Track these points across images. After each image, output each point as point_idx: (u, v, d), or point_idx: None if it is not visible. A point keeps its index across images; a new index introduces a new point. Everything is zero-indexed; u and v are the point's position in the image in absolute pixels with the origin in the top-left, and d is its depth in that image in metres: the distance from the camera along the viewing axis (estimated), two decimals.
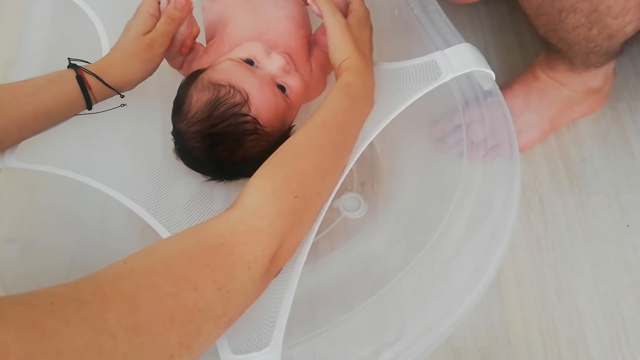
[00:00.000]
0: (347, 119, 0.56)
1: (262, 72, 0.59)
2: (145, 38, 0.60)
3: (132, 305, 0.35)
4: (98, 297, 0.34)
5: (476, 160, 0.62)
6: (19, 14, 1.07)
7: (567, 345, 0.69)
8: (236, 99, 0.56)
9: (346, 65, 0.59)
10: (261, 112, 0.57)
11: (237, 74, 0.58)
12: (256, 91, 0.57)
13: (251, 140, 0.58)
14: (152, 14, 0.62)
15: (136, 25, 0.62)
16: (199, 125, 0.57)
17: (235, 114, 0.56)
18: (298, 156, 0.51)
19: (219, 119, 0.56)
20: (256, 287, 0.44)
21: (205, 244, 0.42)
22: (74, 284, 0.35)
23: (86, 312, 0.33)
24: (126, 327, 0.34)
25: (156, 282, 0.37)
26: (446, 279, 0.54)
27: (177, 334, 0.36)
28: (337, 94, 0.57)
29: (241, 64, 0.59)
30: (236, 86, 0.56)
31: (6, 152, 0.57)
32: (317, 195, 0.51)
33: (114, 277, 0.37)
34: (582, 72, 0.76)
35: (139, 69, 0.61)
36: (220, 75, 0.57)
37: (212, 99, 0.56)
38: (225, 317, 0.41)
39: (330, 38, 0.62)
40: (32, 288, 0.63)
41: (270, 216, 0.45)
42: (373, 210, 0.74)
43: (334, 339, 0.50)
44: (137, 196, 0.57)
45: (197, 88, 0.58)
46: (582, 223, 0.77)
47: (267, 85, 0.59)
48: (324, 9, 0.62)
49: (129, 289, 0.36)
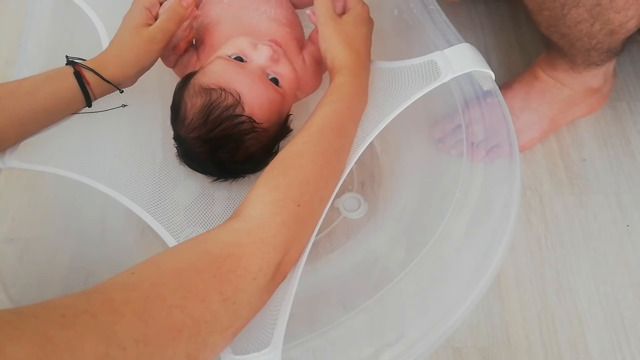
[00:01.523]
0: (343, 122, 0.56)
1: (251, 67, 0.59)
2: (145, 32, 0.60)
3: (142, 317, 0.35)
4: (108, 308, 0.35)
5: (476, 160, 0.62)
6: (19, 14, 1.07)
7: (567, 345, 0.69)
8: (229, 101, 0.56)
9: (339, 66, 0.59)
10: (255, 109, 0.57)
11: (227, 75, 0.57)
12: (247, 90, 0.57)
13: (250, 139, 0.58)
14: (147, 7, 0.61)
15: (132, 18, 0.61)
16: (197, 132, 0.57)
17: (230, 116, 0.56)
18: (299, 164, 0.51)
19: (214, 123, 0.56)
20: (261, 297, 0.44)
21: (212, 256, 0.42)
22: (84, 295, 0.35)
23: (97, 325, 0.33)
24: (136, 339, 0.34)
25: (164, 294, 0.38)
26: (446, 279, 0.54)
27: (184, 346, 0.37)
28: (331, 96, 0.57)
29: (230, 62, 0.59)
30: (226, 88, 0.56)
31: (6, 151, 0.57)
32: (319, 202, 0.51)
33: (123, 288, 0.37)
34: (582, 71, 0.75)
35: (135, 62, 0.60)
36: (210, 78, 0.57)
37: (205, 105, 0.56)
38: (231, 328, 0.41)
39: (320, 40, 0.62)
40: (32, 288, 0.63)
41: (275, 227, 0.45)
42: (373, 210, 0.74)
43: (334, 339, 0.50)
44: (137, 197, 0.57)
45: (190, 94, 0.57)
46: (582, 223, 0.77)
47: (258, 81, 0.58)
48: (318, 11, 0.62)
49: (138, 301, 0.36)
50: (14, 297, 0.56)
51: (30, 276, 0.67)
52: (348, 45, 0.60)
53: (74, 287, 0.66)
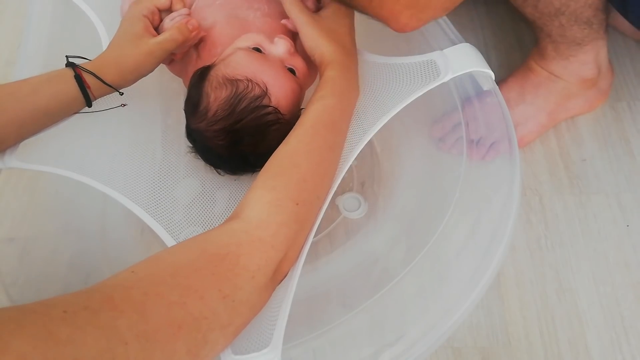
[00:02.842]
0: (335, 116, 0.56)
1: (273, 58, 0.59)
2: (145, 45, 0.59)
3: (142, 313, 0.36)
4: (109, 305, 0.35)
5: (476, 159, 0.62)
6: (19, 14, 1.07)
7: (567, 345, 0.69)
8: (256, 92, 0.56)
9: (326, 61, 0.59)
10: (281, 100, 0.57)
11: (252, 65, 0.57)
12: (273, 80, 0.57)
13: (274, 131, 0.57)
14: (146, 15, 0.61)
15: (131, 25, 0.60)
16: (222, 123, 0.56)
17: (258, 106, 0.56)
18: (295, 162, 0.51)
19: (242, 114, 0.56)
20: (261, 296, 0.45)
21: (211, 254, 0.43)
22: (85, 293, 0.36)
23: (98, 320, 0.34)
24: (137, 335, 0.34)
25: (164, 292, 0.38)
26: (446, 279, 0.54)
27: (184, 342, 0.37)
28: (322, 91, 0.57)
29: (253, 53, 0.59)
30: (254, 79, 0.56)
31: (6, 152, 0.57)
32: (317, 200, 0.51)
33: (123, 286, 0.38)
34: (568, 56, 0.75)
35: (134, 70, 0.60)
36: (234, 69, 0.57)
37: (231, 95, 0.56)
38: (231, 326, 0.42)
39: (303, 39, 0.61)
40: (32, 288, 0.63)
41: (274, 226, 0.46)
42: (373, 210, 0.74)
43: (334, 339, 0.50)
44: (136, 196, 0.57)
45: (213, 86, 0.57)
46: (582, 223, 0.77)
47: (282, 72, 0.59)
48: (293, 15, 0.62)
49: (138, 298, 0.37)
50: (14, 297, 0.56)
51: (30, 276, 0.67)
52: (333, 39, 0.60)
53: (74, 286, 0.66)
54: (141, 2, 0.62)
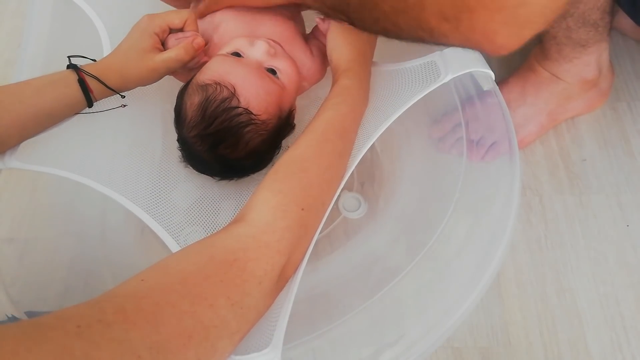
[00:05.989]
0: (346, 124, 0.56)
1: (247, 60, 0.59)
2: (150, 61, 0.60)
3: (154, 324, 0.36)
4: (121, 317, 0.35)
5: (476, 160, 0.62)
6: (19, 14, 1.07)
7: (567, 345, 0.69)
8: (224, 94, 0.56)
9: (345, 67, 0.59)
10: (251, 100, 0.57)
11: (222, 69, 0.57)
12: (242, 81, 0.57)
13: (249, 132, 0.58)
14: (157, 32, 0.61)
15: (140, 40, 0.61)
16: (197, 129, 0.57)
17: (226, 108, 0.56)
18: (303, 167, 0.51)
19: (211, 117, 0.56)
20: (266, 300, 0.45)
21: (219, 261, 0.42)
22: (96, 304, 0.36)
23: (112, 334, 0.34)
24: (150, 346, 0.35)
25: (174, 301, 0.38)
26: (446, 279, 0.54)
27: (195, 351, 0.37)
28: (336, 99, 0.57)
29: (227, 57, 0.59)
30: (221, 81, 0.56)
31: (7, 152, 0.57)
32: (322, 205, 0.51)
33: (134, 296, 0.38)
34: (572, 58, 0.75)
35: (136, 80, 0.61)
36: (206, 75, 0.58)
37: (202, 100, 0.56)
38: (239, 332, 0.42)
39: (329, 36, 0.62)
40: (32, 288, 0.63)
41: (279, 231, 0.46)
42: (373, 210, 0.74)
43: (334, 339, 0.50)
44: (136, 197, 0.57)
45: (188, 93, 0.58)
46: (582, 223, 0.77)
47: (254, 72, 0.58)
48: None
49: (150, 308, 0.37)
50: (14, 297, 0.56)
51: (30, 276, 0.67)
52: (355, 46, 0.60)
53: (74, 287, 0.67)
54: (154, 20, 0.61)
